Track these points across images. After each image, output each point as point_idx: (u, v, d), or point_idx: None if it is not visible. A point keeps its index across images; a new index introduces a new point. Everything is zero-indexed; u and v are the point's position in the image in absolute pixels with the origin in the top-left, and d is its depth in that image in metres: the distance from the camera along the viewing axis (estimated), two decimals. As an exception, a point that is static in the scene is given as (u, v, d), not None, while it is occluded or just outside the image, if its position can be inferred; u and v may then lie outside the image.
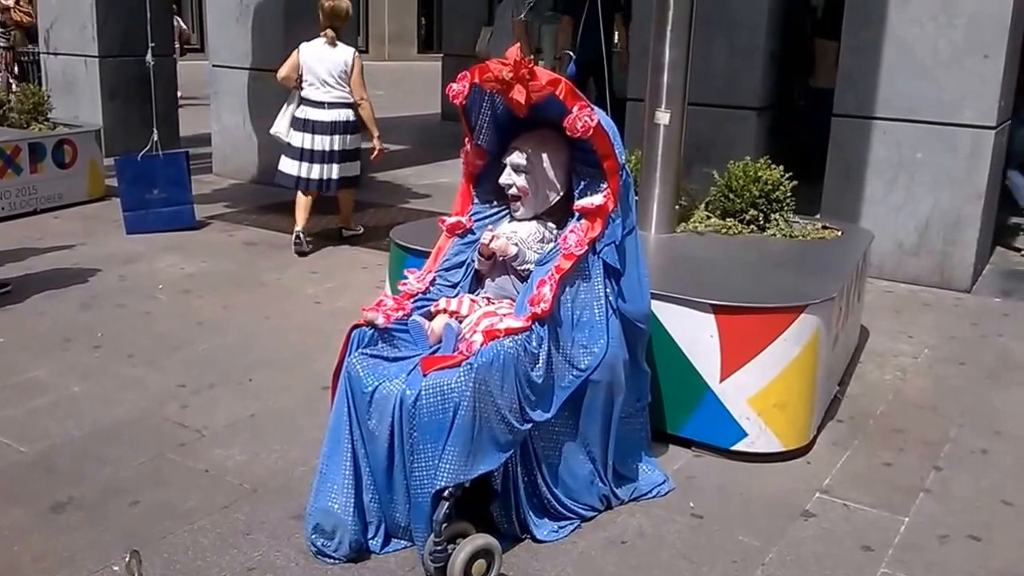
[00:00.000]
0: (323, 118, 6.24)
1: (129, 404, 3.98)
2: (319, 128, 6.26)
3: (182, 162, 6.82)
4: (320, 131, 6.26)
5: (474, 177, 3.39)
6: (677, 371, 3.57)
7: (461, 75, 3.10)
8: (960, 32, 5.61)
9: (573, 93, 2.93)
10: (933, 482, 3.51)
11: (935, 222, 5.86)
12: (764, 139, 6.86)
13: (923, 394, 4.33)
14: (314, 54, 6.28)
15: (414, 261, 3.80)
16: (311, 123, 6.27)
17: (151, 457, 3.52)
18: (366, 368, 2.90)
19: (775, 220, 4.62)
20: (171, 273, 5.81)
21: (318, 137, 6.27)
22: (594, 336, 3.05)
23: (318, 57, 6.27)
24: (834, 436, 3.85)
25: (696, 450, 3.64)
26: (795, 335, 3.49)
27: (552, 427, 3.02)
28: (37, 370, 4.29)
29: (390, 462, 2.85)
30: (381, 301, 3.14)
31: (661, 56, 4.39)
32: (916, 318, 5.38)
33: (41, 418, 3.82)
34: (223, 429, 3.77)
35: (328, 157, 6.30)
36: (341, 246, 6.60)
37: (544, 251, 3.17)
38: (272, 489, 3.31)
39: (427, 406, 2.75)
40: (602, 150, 2.99)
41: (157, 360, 4.46)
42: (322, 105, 6.24)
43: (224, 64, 8.72)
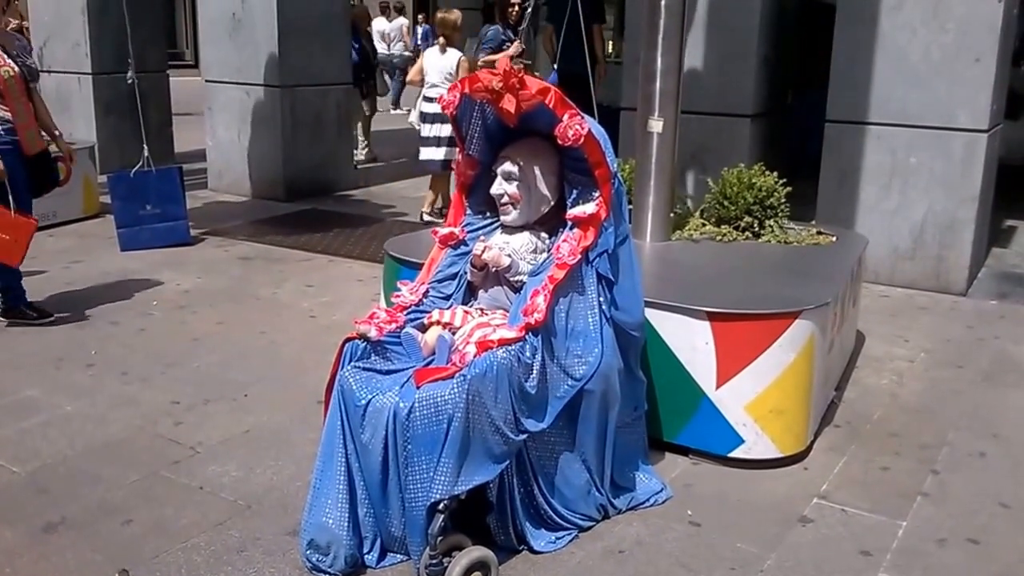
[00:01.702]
0: (436, 111, 6.97)
1: (122, 422, 3.96)
2: (437, 119, 7.24)
3: (175, 177, 6.81)
4: (439, 121, 7.22)
5: (466, 188, 3.39)
6: (673, 379, 3.55)
7: (451, 86, 3.10)
8: (951, 36, 5.62)
9: (563, 101, 2.93)
10: (931, 486, 3.50)
11: (930, 226, 5.86)
12: (759, 145, 6.86)
13: (920, 398, 4.32)
14: (430, 59, 7.62)
15: (408, 273, 3.79)
16: (430, 115, 7.35)
17: (144, 475, 3.50)
18: (359, 381, 2.88)
19: (770, 226, 4.61)
20: (166, 289, 5.80)
21: (438, 125, 7.27)
22: (588, 345, 3.03)
23: (432, 61, 7.57)
24: (831, 441, 3.83)
25: (693, 457, 3.63)
26: (790, 341, 3.47)
27: (547, 437, 3.00)
28: (30, 389, 4.27)
29: (384, 475, 2.83)
30: (374, 314, 3.12)
31: (653, 64, 4.39)
32: (912, 322, 5.38)
33: (33, 438, 3.80)
34: (217, 445, 3.75)
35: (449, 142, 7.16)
36: (335, 259, 6.58)
37: (537, 262, 3.15)
38: (267, 505, 3.29)
39: (421, 418, 2.73)
40: (593, 158, 2.98)
41: (151, 377, 4.44)
42: (432, 101, 7.13)
43: (217, 79, 8.72)
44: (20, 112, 4.89)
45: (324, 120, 8.81)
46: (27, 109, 4.92)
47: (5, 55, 4.89)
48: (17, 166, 4.93)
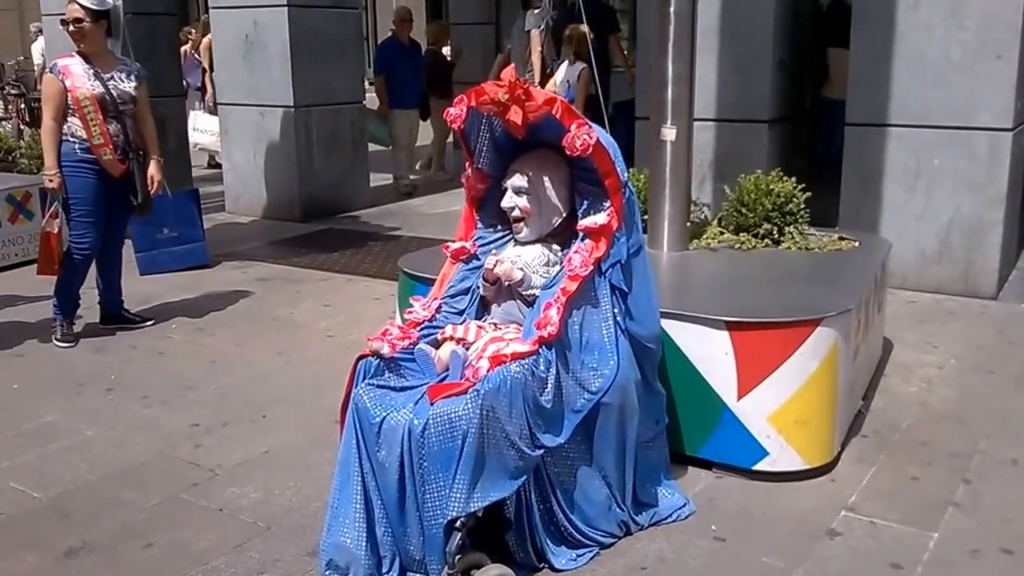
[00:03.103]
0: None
1: (142, 445, 3.95)
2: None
3: (192, 200, 6.85)
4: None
5: (477, 202, 3.36)
6: (693, 391, 3.49)
7: (458, 99, 3.08)
8: (971, 34, 5.53)
9: (570, 111, 2.89)
10: (962, 496, 3.41)
11: (957, 229, 5.76)
12: (777, 152, 6.79)
13: (950, 405, 4.22)
14: (561, 71, 8.10)
15: (422, 289, 3.76)
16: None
17: (165, 498, 3.49)
18: (373, 399, 2.85)
19: (789, 233, 4.55)
20: (184, 311, 5.80)
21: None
22: (603, 358, 2.99)
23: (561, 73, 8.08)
24: (859, 452, 3.75)
25: (716, 471, 3.56)
26: (812, 349, 3.40)
27: (566, 452, 2.96)
28: (50, 415, 4.28)
29: (401, 494, 2.79)
30: (386, 330, 3.10)
31: (664, 72, 4.35)
32: (941, 328, 5.27)
33: (55, 463, 3.80)
34: (236, 467, 3.73)
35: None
36: (353, 278, 6.56)
37: (550, 274, 3.11)
38: (286, 527, 3.27)
39: (435, 435, 2.70)
40: (603, 167, 2.94)
41: (170, 400, 4.44)
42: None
43: (232, 102, 8.76)
44: (95, 134, 5.02)
45: (339, 139, 8.82)
46: (103, 131, 5.03)
47: (93, 78, 5.04)
48: (95, 186, 5.10)
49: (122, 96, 5.13)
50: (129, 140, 5.17)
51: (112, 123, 5.09)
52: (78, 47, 5.12)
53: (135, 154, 5.19)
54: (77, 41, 5.10)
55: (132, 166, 5.18)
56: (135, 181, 5.20)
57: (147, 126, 5.32)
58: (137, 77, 5.24)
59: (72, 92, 5.00)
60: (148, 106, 5.37)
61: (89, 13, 5.02)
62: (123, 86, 5.15)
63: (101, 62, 5.13)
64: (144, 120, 5.31)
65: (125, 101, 5.14)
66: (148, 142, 5.32)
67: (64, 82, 5.00)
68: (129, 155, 5.16)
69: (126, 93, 5.15)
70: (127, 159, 5.16)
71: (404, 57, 9.83)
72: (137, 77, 5.24)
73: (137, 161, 5.20)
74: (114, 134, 5.09)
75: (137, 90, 5.21)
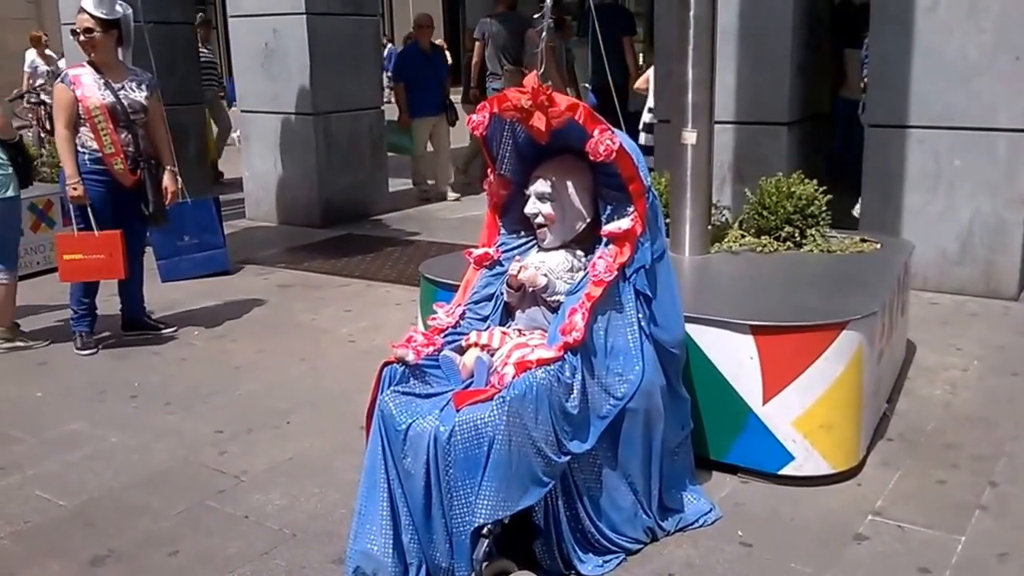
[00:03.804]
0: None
1: (167, 453, 3.97)
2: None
3: (211, 207, 6.88)
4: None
5: (499, 207, 3.35)
6: (718, 395, 3.48)
7: (480, 106, 3.08)
8: (989, 35, 5.50)
9: (592, 117, 2.89)
10: (989, 498, 3.38)
11: (977, 229, 5.73)
12: (796, 153, 6.76)
13: (975, 407, 4.19)
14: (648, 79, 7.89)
15: (444, 295, 3.76)
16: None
17: (190, 505, 3.50)
18: (399, 406, 2.85)
19: (811, 236, 4.53)
20: (206, 318, 5.83)
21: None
22: (628, 363, 2.98)
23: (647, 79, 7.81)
24: (884, 455, 3.73)
25: (742, 476, 3.54)
26: (837, 353, 3.38)
27: (592, 458, 2.95)
28: (74, 422, 4.30)
29: (427, 501, 2.79)
30: (411, 337, 3.10)
31: (684, 75, 4.34)
32: (964, 329, 5.24)
33: (79, 471, 3.82)
34: (262, 474, 3.74)
35: None
36: (373, 283, 6.57)
37: (574, 280, 3.11)
38: (312, 533, 3.27)
39: (461, 442, 2.70)
40: (626, 172, 2.94)
41: (193, 407, 4.45)
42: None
43: (252, 109, 8.80)
44: (106, 144, 5.04)
45: (358, 145, 8.84)
46: (114, 140, 5.05)
47: (104, 87, 5.06)
48: (105, 197, 5.12)
49: (133, 105, 5.13)
50: (140, 150, 5.17)
51: (123, 133, 5.09)
52: (88, 57, 5.13)
53: (147, 164, 5.19)
54: (88, 51, 5.11)
55: (144, 176, 5.18)
56: (147, 191, 5.19)
57: (159, 136, 5.32)
58: (148, 87, 5.24)
59: (83, 102, 5.00)
60: (161, 115, 5.37)
61: (99, 23, 5.03)
62: (134, 95, 5.15)
63: (112, 72, 5.14)
64: (156, 130, 5.31)
65: (136, 110, 5.15)
66: (161, 152, 5.32)
67: (75, 91, 5.01)
68: (140, 165, 5.16)
69: (137, 102, 5.15)
70: (139, 169, 5.16)
71: (424, 64, 9.67)
72: (148, 87, 5.24)
73: (149, 171, 5.20)
74: (125, 144, 5.09)
75: (148, 99, 5.21)
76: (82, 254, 5.08)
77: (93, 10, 5.02)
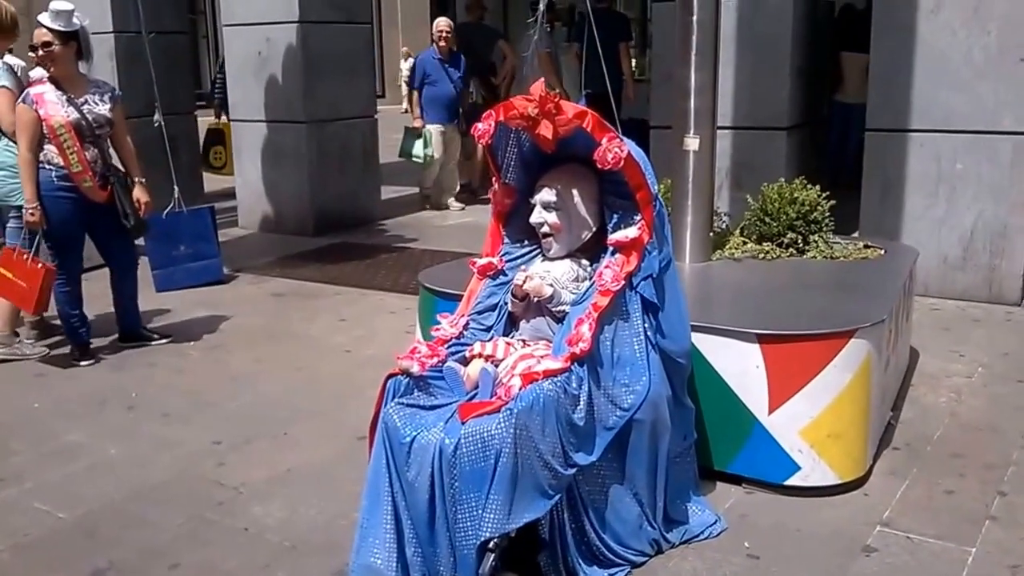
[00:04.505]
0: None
1: (165, 464, 3.92)
2: None
3: (207, 217, 6.83)
4: None
5: (503, 216, 3.32)
6: (723, 405, 3.44)
7: (486, 114, 3.04)
8: (994, 37, 5.48)
9: (601, 124, 2.85)
10: (998, 508, 3.35)
11: (980, 234, 5.70)
12: (795, 158, 6.74)
13: (981, 415, 4.16)
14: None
15: (445, 305, 3.72)
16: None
17: (189, 517, 3.45)
18: (403, 418, 2.82)
19: (814, 242, 4.50)
20: (202, 328, 5.78)
21: None
22: (635, 374, 2.94)
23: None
24: (891, 465, 3.69)
25: (747, 487, 3.50)
26: (845, 361, 3.35)
27: (597, 470, 2.91)
28: (73, 434, 4.25)
29: (432, 514, 2.75)
30: (415, 348, 3.06)
31: (687, 81, 4.31)
32: (967, 335, 5.21)
33: (79, 483, 3.77)
34: (261, 485, 3.69)
35: None
36: (367, 291, 6.53)
37: (580, 290, 3.07)
38: (313, 546, 3.23)
39: (467, 454, 2.67)
40: (634, 181, 2.90)
41: (191, 418, 4.41)
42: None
43: (244, 118, 8.75)
44: (73, 162, 4.91)
45: (351, 153, 8.81)
46: (81, 159, 4.93)
47: (67, 104, 4.94)
48: (75, 214, 5.01)
49: (98, 120, 5.02)
50: (108, 164, 5.08)
51: (90, 149, 4.98)
52: (48, 71, 4.97)
53: (116, 178, 5.10)
54: (46, 66, 4.95)
55: (116, 190, 5.08)
56: (121, 205, 5.09)
57: (125, 148, 5.22)
58: (112, 99, 5.13)
59: (47, 121, 4.87)
60: (125, 127, 5.26)
61: (57, 36, 4.90)
62: (98, 109, 5.04)
63: (73, 86, 5.01)
64: (122, 142, 5.21)
65: (101, 124, 5.04)
66: (129, 164, 5.22)
67: (38, 111, 4.86)
68: (110, 180, 5.07)
69: (102, 116, 5.05)
70: (108, 184, 5.06)
71: (441, 70, 9.30)
72: (112, 99, 5.13)
73: (120, 184, 5.10)
74: (92, 160, 4.99)
75: (113, 112, 5.11)
76: (11, 273, 4.98)
77: (50, 23, 4.88)
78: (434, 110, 9.35)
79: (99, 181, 5.03)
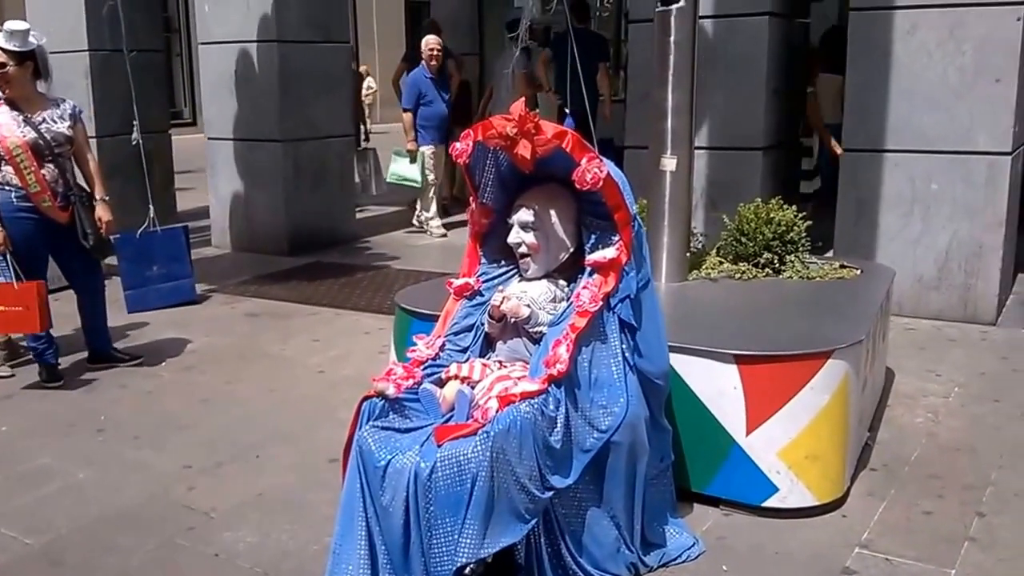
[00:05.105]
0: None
1: (135, 488, 3.84)
2: None
3: (181, 237, 6.75)
4: None
5: (481, 236, 3.29)
6: (700, 426, 3.41)
7: (464, 133, 3.02)
8: (969, 58, 5.52)
9: (581, 145, 2.84)
10: (977, 529, 3.34)
11: (955, 254, 5.73)
12: (771, 178, 6.76)
13: (958, 436, 4.16)
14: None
15: (420, 326, 3.68)
16: None
17: (159, 544, 3.38)
18: (378, 441, 2.78)
19: (791, 262, 4.50)
20: (173, 349, 5.71)
21: None
22: (613, 395, 2.91)
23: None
24: (869, 486, 3.68)
25: (725, 508, 3.47)
26: (823, 382, 3.34)
27: (574, 493, 2.87)
28: (42, 457, 4.17)
29: (406, 539, 2.71)
30: (391, 370, 3.02)
31: (664, 102, 4.31)
32: (943, 355, 5.23)
33: (47, 507, 3.69)
34: (232, 510, 3.63)
35: None
36: (341, 312, 6.48)
37: (557, 311, 3.05)
38: (284, 572, 3.16)
39: (443, 478, 2.63)
40: (612, 201, 2.89)
41: (162, 441, 4.33)
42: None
43: (219, 136, 8.70)
44: (31, 182, 4.84)
45: (326, 173, 8.76)
46: (39, 179, 4.86)
47: (23, 124, 4.87)
48: (37, 234, 4.93)
49: (56, 138, 4.95)
50: (70, 184, 5.01)
51: (48, 168, 4.91)
52: (4, 93, 4.90)
53: (78, 197, 5.02)
54: (1, 87, 4.88)
55: (77, 210, 5.00)
56: (81, 224, 5.00)
57: (88, 166, 5.14)
58: (72, 116, 5.06)
59: (2, 142, 4.80)
60: (87, 145, 5.18)
61: (12, 56, 4.82)
62: (57, 128, 4.97)
63: (30, 106, 4.93)
64: (84, 160, 5.13)
65: (60, 143, 4.97)
66: (91, 182, 5.14)
67: None
68: (72, 199, 4.99)
69: (60, 135, 4.98)
70: (70, 204, 4.99)
71: (434, 89, 9.02)
72: (72, 116, 5.06)
73: (81, 203, 5.02)
74: (51, 180, 4.91)
75: (72, 129, 5.03)
76: (3, 306, 4.87)
77: (4, 43, 4.81)
78: (428, 131, 9.15)
79: (60, 201, 4.96)
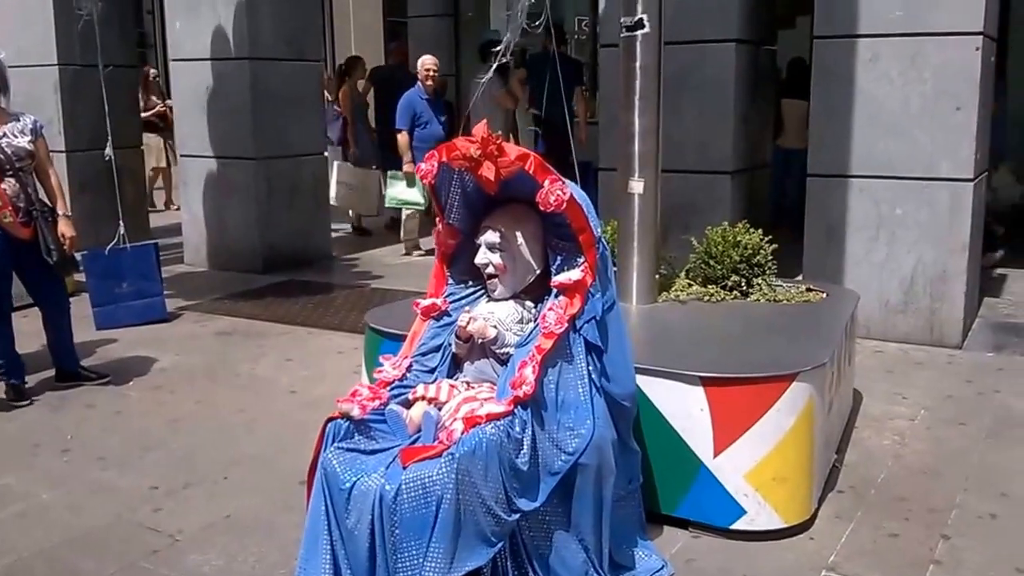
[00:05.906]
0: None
1: (100, 510, 3.80)
2: None
3: (151, 254, 6.71)
4: None
5: (447, 257, 3.29)
6: (668, 448, 3.42)
7: (429, 154, 3.03)
8: (930, 86, 5.60)
9: (543, 167, 2.85)
10: (943, 552, 3.36)
11: (920, 278, 5.79)
12: (739, 202, 6.82)
13: (924, 458, 4.19)
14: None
15: (389, 346, 3.67)
16: None
17: (122, 567, 3.34)
18: (343, 463, 2.76)
19: (758, 285, 4.53)
20: (142, 368, 5.66)
21: None
22: (580, 417, 2.91)
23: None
24: (836, 508, 3.69)
25: (693, 530, 3.48)
26: (788, 404, 3.36)
27: (541, 516, 2.86)
28: (4, 478, 4.11)
29: (372, 563, 2.69)
30: (356, 391, 3.00)
31: (631, 125, 4.34)
32: (909, 378, 5.27)
33: (9, 529, 3.64)
34: (198, 532, 3.59)
35: None
36: (314, 331, 6.45)
37: (524, 332, 3.05)
38: (250, 596, 3.15)
39: (408, 500, 2.61)
40: (577, 223, 2.90)
41: (128, 462, 4.29)
42: None
43: (192, 153, 8.67)
44: None
45: (300, 191, 8.75)
46: (0, 194, 4.82)
47: None
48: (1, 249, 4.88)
49: (17, 153, 4.91)
50: (32, 199, 4.97)
51: (9, 183, 4.87)
52: None
53: (40, 212, 4.97)
54: None
55: (39, 226, 4.96)
56: (44, 240, 4.95)
57: (49, 181, 5.10)
58: (33, 131, 5.02)
59: None
60: (49, 160, 5.15)
61: None
62: (17, 142, 4.93)
63: None
64: (46, 175, 5.09)
65: (21, 157, 4.92)
66: (53, 198, 5.11)
67: None
68: (34, 215, 4.95)
69: (22, 149, 4.93)
70: (32, 220, 4.95)
71: (430, 110, 8.80)
72: (33, 131, 5.02)
73: (44, 219, 4.98)
74: (13, 195, 4.88)
75: (34, 144, 5.00)
76: None
77: None
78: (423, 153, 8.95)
79: (22, 217, 4.92)
